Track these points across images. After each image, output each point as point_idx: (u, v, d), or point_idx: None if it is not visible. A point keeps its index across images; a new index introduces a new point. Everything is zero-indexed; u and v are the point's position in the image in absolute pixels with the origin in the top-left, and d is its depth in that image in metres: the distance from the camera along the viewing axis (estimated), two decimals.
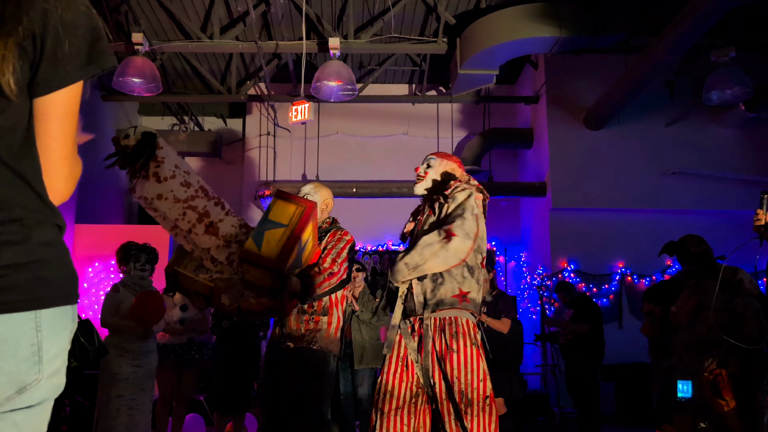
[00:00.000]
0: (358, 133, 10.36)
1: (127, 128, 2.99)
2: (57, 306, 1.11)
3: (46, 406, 1.13)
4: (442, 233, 2.91)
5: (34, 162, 1.15)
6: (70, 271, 1.16)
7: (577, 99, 9.02)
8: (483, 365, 2.93)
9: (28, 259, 1.07)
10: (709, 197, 8.82)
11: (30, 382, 1.07)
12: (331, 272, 3.26)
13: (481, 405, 2.89)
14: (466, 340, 2.91)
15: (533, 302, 9.34)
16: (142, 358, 4.85)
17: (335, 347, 3.38)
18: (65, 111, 1.16)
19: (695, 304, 4.04)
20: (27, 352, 1.06)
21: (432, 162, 3.29)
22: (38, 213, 1.12)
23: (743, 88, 7.20)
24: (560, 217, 8.99)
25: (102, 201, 9.69)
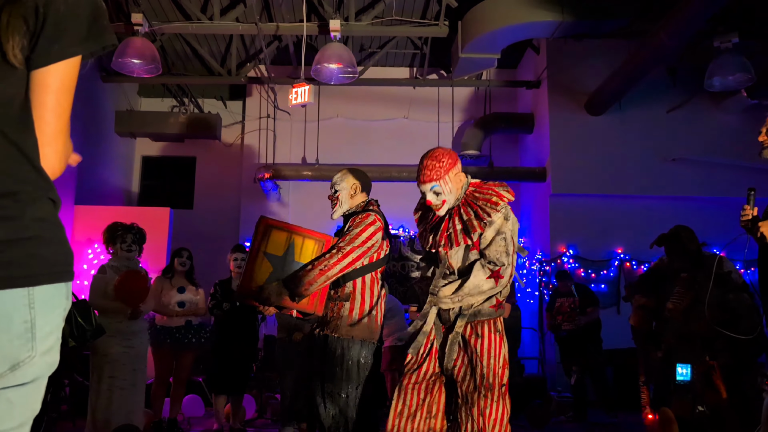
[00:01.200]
0: (359, 116, 10.33)
1: None
2: (51, 283, 1.11)
3: (39, 384, 1.13)
4: (487, 272, 2.99)
5: (31, 134, 1.15)
6: (65, 248, 1.16)
7: (578, 84, 8.98)
8: (504, 353, 3.04)
9: (21, 236, 1.07)
10: (710, 184, 8.81)
11: (23, 359, 1.07)
12: (326, 265, 3.20)
13: (500, 391, 2.99)
14: (491, 327, 3.04)
15: (532, 288, 9.37)
16: (133, 339, 4.85)
17: (362, 333, 3.32)
18: (62, 84, 1.17)
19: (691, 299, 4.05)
20: (20, 328, 1.06)
21: (438, 189, 3.11)
22: (33, 185, 1.12)
23: (746, 75, 7.16)
24: (560, 202, 8.99)
25: (102, 182, 9.68)
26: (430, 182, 3.09)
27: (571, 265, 8.87)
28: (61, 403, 5.77)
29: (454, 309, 3.07)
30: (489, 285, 2.99)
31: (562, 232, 8.97)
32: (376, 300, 3.40)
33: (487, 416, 2.96)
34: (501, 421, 2.99)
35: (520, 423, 6.50)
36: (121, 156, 10.52)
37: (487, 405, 2.96)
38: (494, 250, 3.01)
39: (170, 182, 10.93)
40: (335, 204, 3.51)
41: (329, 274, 3.20)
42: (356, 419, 3.27)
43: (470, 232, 3.03)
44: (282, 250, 3.29)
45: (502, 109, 10.08)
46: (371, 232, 3.33)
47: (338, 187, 3.51)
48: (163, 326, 5.53)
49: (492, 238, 3.02)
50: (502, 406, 2.99)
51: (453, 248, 3.09)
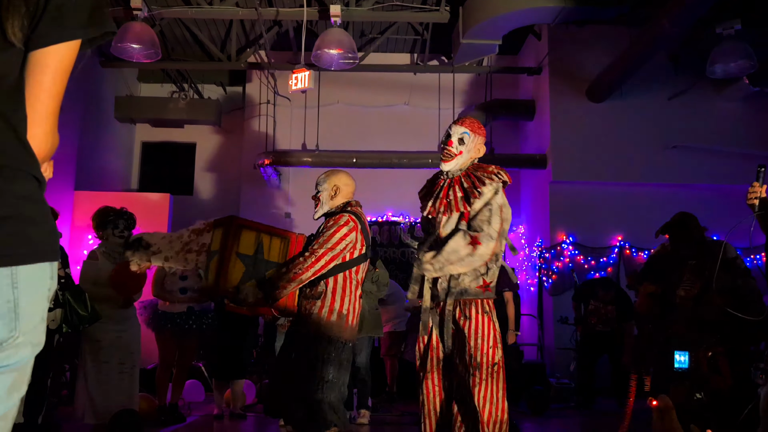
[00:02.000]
0: (359, 102, 10.30)
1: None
2: (34, 263, 1.10)
3: (24, 365, 1.12)
4: (467, 239, 3.03)
5: (21, 111, 1.15)
6: (50, 228, 1.14)
7: (580, 71, 8.94)
8: (494, 333, 3.10)
9: (4, 214, 1.06)
10: (710, 171, 8.80)
11: (6, 339, 1.05)
12: (300, 269, 3.27)
13: (489, 371, 3.05)
14: (479, 308, 3.12)
15: (531, 275, 9.38)
16: (125, 323, 4.84)
17: (330, 331, 3.34)
18: (60, 66, 1.18)
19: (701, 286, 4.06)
20: (3, 308, 1.05)
21: (466, 138, 3.20)
22: (18, 161, 1.11)
23: (748, 62, 7.13)
24: (560, 189, 8.98)
25: (101, 168, 9.66)
26: (466, 128, 3.22)
27: (570, 252, 8.87)
28: (62, 389, 5.80)
29: (443, 286, 3.15)
30: (467, 251, 3.02)
31: (562, 219, 8.97)
32: (349, 299, 3.41)
33: (476, 395, 3.04)
34: (492, 400, 3.05)
35: (520, 409, 6.53)
36: (121, 142, 10.50)
37: (475, 384, 3.04)
38: (479, 218, 3.09)
39: (170, 168, 10.92)
40: (317, 204, 3.60)
41: (302, 278, 3.28)
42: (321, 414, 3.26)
43: (470, 200, 3.12)
44: (252, 249, 3.36)
45: (503, 95, 10.05)
46: (344, 233, 3.38)
47: (320, 188, 3.60)
48: (165, 311, 5.54)
49: (479, 209, 3.10)
50: (493, 385, 3.05)
51: (449, 216, 3.18)
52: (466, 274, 3.11)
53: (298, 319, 3.43)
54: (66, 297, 4.38)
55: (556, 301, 8.71)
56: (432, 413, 3.25)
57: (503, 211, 3.11)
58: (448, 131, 3.26)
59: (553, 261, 8.89)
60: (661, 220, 8.38)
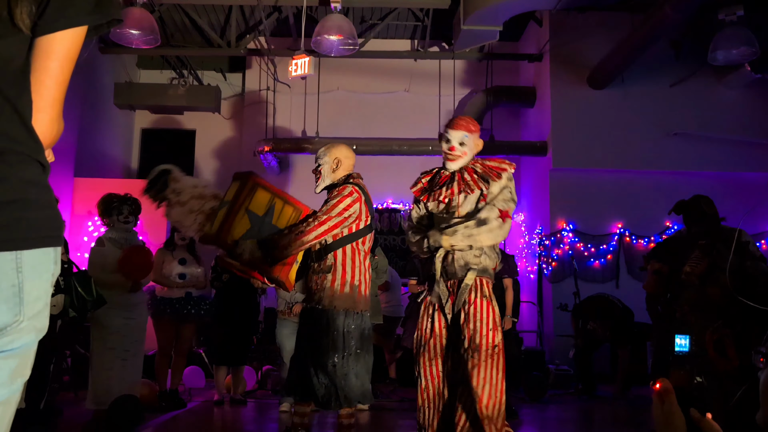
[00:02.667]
0: (359, 89, 10.26)
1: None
2: (39, 248, 1.10)
3: (28, 349, 1.12)
4: (497, 212, 3.17)
5: (27, 96, 1.15)
6: (54, 213, 1.15)
7: (581, 58, 8.90)
8: (493, 316, 3.17)
9: (8, 198, 1.06)
10: (711, 158, 8.78)
11: (10, 323, 1.06)
12: (301, 231, 3.36)
13: (489, 353, 3.12)
14: (479, 292, 3.20)
15: (531, 262, 9.39)
16: (133, 310, 4.87)
17: (345, 303, 3.47)
18: (66, 53, 1.18)
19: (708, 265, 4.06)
20: (7, 293, 1.05)
21: (466, 140, 3.33)
22: (23, 146, 1.11)
23: (750, 48, 7.10)
24: (560, 177, 8.97)
25: (101, 155, 9.65)
26: (464, 131, 3.33)
27: (570, 239, 8.88)
28: (63, 374, 5.82)
29: (460, 263, 3.21)
30: (498, 223, 3.18)
31: (562, 207, 8.96)
32: (359, 270, 3.52)
33: (474, 377, 3.09)
34: (491, 382, 3.11)
35: (518, 395, 6.56)
36: (121, 128, 10.47)
37: (474, 366, 3.10)
38: (501, 198, 3.25)
39: (170, 155, 10.88)
40: (318, 178, 3.66)
41: (304, 240, 3.35)
42: (347, 387, 3.41)
43: (488, 179, 3.26)
44: (263, 210, 3.35)
45: (503, 82, 10.01)
46: (348, 203, 3.47)
47: (321, 161, 3.66)
48: (163, 297, 5.55)
49: (498, 191, 3.26)
50: (492, 368, 3.11)
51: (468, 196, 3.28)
52: (486, 254, 3.22)
53: (311, 296, 3.52)
54: (72, 282, 4.39)
55: (556, 288, 8.73)
56: (434, 400, 3.30)
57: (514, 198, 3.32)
58: (447, 136, 3.34)
59: (553, 248, 8.89)
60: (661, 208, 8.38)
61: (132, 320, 4.86)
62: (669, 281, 4.52)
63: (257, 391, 6.66)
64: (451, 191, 3.32)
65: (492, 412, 3.09)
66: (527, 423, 5.31)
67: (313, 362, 3.45)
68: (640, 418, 5.67)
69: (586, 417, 5.95)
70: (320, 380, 3.44)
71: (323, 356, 3.44)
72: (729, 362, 3.71)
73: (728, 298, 3.87)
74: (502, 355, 3.17)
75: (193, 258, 5.79)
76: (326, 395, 3.44)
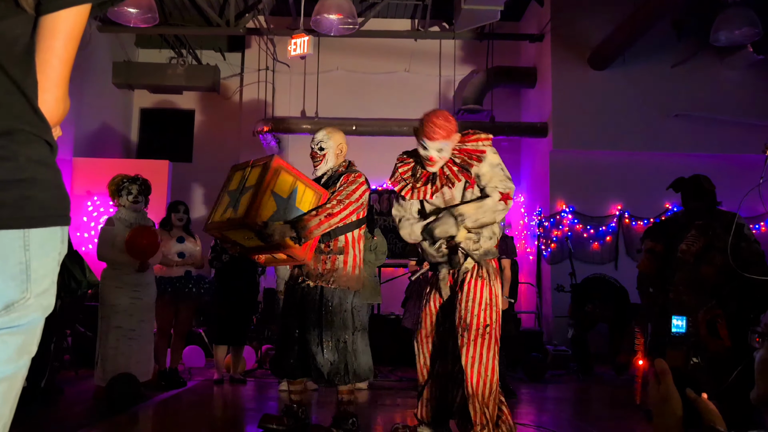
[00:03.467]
0: (359, 69, 10.20)
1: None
2: (46, 226, 1.11)
3: (34, 326, 1.13)
4: (498, 195, 3.20)
5: (32, 76, 1.15)
6: (61, 192, 1.16)
7: (582, 38, 8.84)
8: (486, 296, 3.21)
9: (17, 177, 1.07)
10: (712, 140, 8.76)
11: (17, 300, 1.07)
12: (330, 213, 3.49)
13: (480, 332, 3.16)
14: (473, 272, 3.26)
15: (530, 243, 9.41)
16: (141, 290, 4.94)
17: (356, 284, 3.70)
18: (71, 31, 1.18)
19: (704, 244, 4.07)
20: (15, 270, 1.07)
21: (444, 148, 3.28)
22: (30, 126, 1.12)
23: (752, 29, 7.05)
24: (560, 158, 8.95)
25: (100, 135, 9.62)
26: (442, 140, 3.25)
27: (570, 221, 8.88)
28: (64, 353, 5.85)
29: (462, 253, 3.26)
30: (501, 206, 3.22)
31: (562, 188, 8.96)
32: (362, 253, 3.77)
33: (464, 355, 3.16)
34: (480, 361, 3.16)
35: (517, 375, 6.61)
36: (119, 108, 10.43)
37: (464, 344, 3.17)
38: (497, 180, 3.23)
39: (169, 135, 10.86)
40: (320, 161, 3.78)
41: (331, 222, 3.50)
42: (356, 363, 3.59)
43: (468, 168, 3.25)
44: (287, 192, 3.44)
45: (504, 62, 9.95)
46: (362, 191, 3.68)
47: (325, 145, 3.79)
48: (163, 276, 5.58)
49: (489, 172, 3.25)
50: (482, 347, 3.16)
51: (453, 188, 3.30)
52: (483, 236, 3.27)
53: (316, 276, 3.64)
54: (64, 263, 4.41)
55: (555, 270, 8.75)
56: (432, 377, 3.40)
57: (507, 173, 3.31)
58: (423, 143, 3.26)
59: (552, 230, 8.90)
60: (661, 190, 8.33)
61: (139, 300, 4.93)
62: (663, 261, 4.53)
63: (257, 370, 6.71)
64: (435, 188, 3.35)
65: (482, 391, 3.13)
66: (525, 403, 5.35)
67: (321, 340, 3.57)
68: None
69: (584, 397, 5.99)
70: (326, 357, 3.56)
71: (334, 334, 3.58)
72: (721, 343, 3.73)
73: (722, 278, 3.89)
74: (495, 335, 3.20)
75: (190, 237, 5.83)
76: (332, 372, 3.57)
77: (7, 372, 1.09)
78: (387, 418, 4.35)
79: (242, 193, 3.41)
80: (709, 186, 4.39)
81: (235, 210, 3.37)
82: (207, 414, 4.80)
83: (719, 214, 4.28)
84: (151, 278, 5.12)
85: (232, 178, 3.56)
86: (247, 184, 3.44)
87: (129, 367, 4.78)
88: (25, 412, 4.20)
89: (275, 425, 3.78)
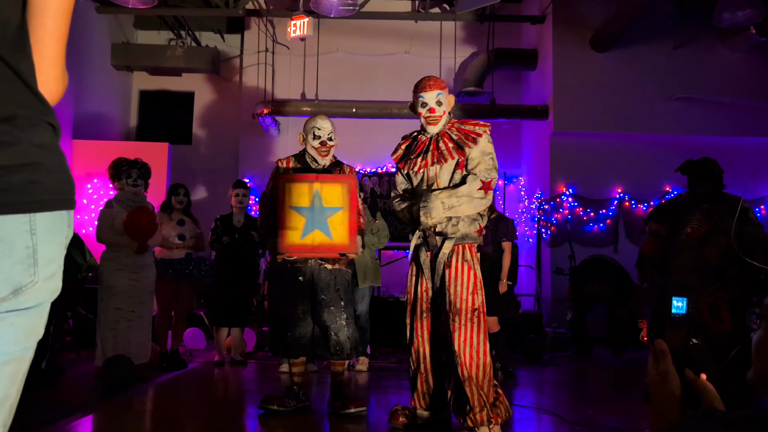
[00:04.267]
0: (359, 51, 10.14)
1: None
2: (52, 210, 1.11)
3: (42, 309, 1.14)
4: (479, 183, 3.24)
5: (28, 57, 1.13)
6: (66, 176, 1.15)
7: (584, 19, 8.78)
8: (474, 280, 3.27)
9: (21, 162, 1.06)
10: (714, 123, 8.72)
11: (25, 284, 1.08)
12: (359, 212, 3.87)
13: (469, 316, 3.23)
14: (460, 256, 3.30)
15: (530, 226, 9.41)
16: (140, 272, 4.95)
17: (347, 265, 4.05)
18: (61, 6, 1.16)
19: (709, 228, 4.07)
20: (22, 254, 1.07)
21: (442, 99, 3.42)
22: (31, 109, 1.11)
23: (756, 10, 6.99)
24: (561, 141, 8.92)
25: (99, 117, 9.58)
26: (438, 89, 3.43)
27: (570, 204, 8.88)
28: (65, 335, 5.88)
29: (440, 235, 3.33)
30: (480, 195, 3.25)
31: (562, 171, 8.94)
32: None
33: (456, 339, 3.21)
34: (472, 344, 3.21)
35: (515, 357, 6.64)
36: (119, 90, 10.38)
37: (455, 328, 3.22)
38: (483, 167, 3.29)
39: (168, 117, 10.83)
40: (329, 150, 3.99)
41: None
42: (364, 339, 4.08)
43: (463, 147, 3.30)
44: (308, 201, 3.62)
45: (505, 44, 9.89)
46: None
47: (333, 136, 4.02)
48: (164, 259, 5.59)
49: (479, 157, 3.30)
50: (473, 330, 3.22)
51: (443, 165, 3.35)
52: (463, 220, 3.30)
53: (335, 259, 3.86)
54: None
55: (554, 253, 8.76)
56: (422, 359, 3.45)
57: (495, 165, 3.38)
58: (422, 99, 3.43)
59: (552, 213, 8.90)
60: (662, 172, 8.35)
61: (139, 282, 4.95)
62: (666, 243, 4.53)
63: (257, 352, 6.74)
64: (425, 162, 3.39)
65: (475, 373, 3.17)
66: (524, 384, 5.38)
67: (346, 317, 3.84)
68: (635, 379, 5.75)
69: (582, 379, 6.03)
70: (350, 333, 3.84)
71: (350, 311, 3.89)
72: (722, 325, 3.74)
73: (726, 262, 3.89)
74: (483, 318, 3.27)
75: (190, 219, 5.84)
76: (353, 346, 3.85)
77: (15, 353, 1.10)
78: (386, 399, 4.38)
79: (326, 214, 3.65)
80: (717, 171, 4.38)
81: (328, 235, 3.64)
82: (207, 395, 4.83)
83: (725, 198, 4.29)
84: (150, 260, 5.14)
85: (290, 190, 3.68)
86: (332, 204, 3.66)
87: (129, 349, 4.82)
88: (26, 393, 4.22)
89: (276, 405, 3.82)
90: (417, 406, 3.51)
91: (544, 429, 3.81)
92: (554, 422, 3.85)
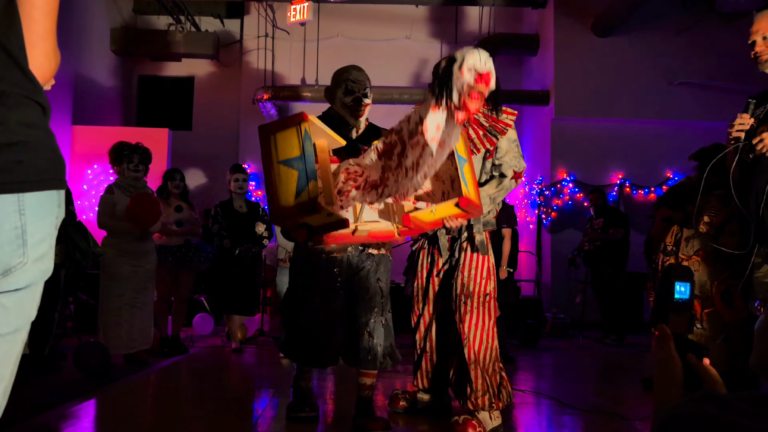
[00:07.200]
0: (359, 36, 10.09)
1: None
2: (41, 190, 1.10)
3: (33, 290, 1.13)
4: (510, 174, 3.24)
5: (17, 33, 1.11)
6: (55, 156, 1.13)
7: (586, 4, 8.72)
8: (487, 266, 3.27)
9: (8, 141, 1.04)
10: (716, 108, 8.67)
11: (15, 264, 1.07)
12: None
13: (481, 300, 3.22)
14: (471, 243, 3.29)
15: (531, 212, 9.40)
16: (141, 258, 4.96)
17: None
18: None
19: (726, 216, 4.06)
20: (11, 234, 1.06)
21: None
22: (19, 87, 1.09)
23: None
24: (562, 126, 8.90)
25: (99, 102, 9.55)
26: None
27: (570, 189, 8.87)
28: (67, 321, 5.89)
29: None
30: (513, 184, 3.29)
31: (563, 157, 8.92)
32: None
33: (466, 322, 3.20)
34: (482, 328, 3.21)
35: (512, 341, 6.66)
36: (118, 75, 10.33)
37: (466, 311, 3.20)
38: (512, 156, 3.26)
39: (168, 103, 10.79)
40: (364, 110, 3.24)
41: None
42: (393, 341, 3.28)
43: (497, 135, 3.20)
44: (297, 147, 2.46)
45: (506, 29, 9.84)
46: None
47: (369, 94, 3.33)
48: (163, 245, 5.58)
49: (507, 146, 3.26)
50: (484, 314, 3.21)
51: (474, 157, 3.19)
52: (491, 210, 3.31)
53: (379, 244, 3.19)
54: (67, 231, 4.42)
55: (555, 239, 8.76)
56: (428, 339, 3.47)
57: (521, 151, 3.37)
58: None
59: (553, 198, 8.89)
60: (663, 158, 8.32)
61: (140, 268, 4.95)
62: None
63: (258, 337, 6.75)
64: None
65: (483, 357, 3.18)
66: (523, 369, 5.40)
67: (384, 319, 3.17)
68: (636, 365, 5.77)
69: (582, 364, 6.05)
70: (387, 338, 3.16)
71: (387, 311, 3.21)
72: (736, 313, 3.73)
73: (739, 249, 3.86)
74: (493, 303, 3.27)
75: (187, 205, 5.82)
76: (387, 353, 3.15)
77: (6, 334, 1.09)
78: (387, 383, 4.39)
79: (462, 164, 2.63)
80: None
81: (466, 187, 2.60)
82: (208, 381, 4.85)
83: None
84: (151, 246, 5.14)
85: (276, 142, 2.49)
86: (462, 153, 2.67)
87: (131, 335, 4.84)
88: (29, 378, 4.24)
89: (305, 413, 3.34)
90: (419, 386, 3.52)
91: (543, 413, 3.83)
92: (553, 406, 3.87)
